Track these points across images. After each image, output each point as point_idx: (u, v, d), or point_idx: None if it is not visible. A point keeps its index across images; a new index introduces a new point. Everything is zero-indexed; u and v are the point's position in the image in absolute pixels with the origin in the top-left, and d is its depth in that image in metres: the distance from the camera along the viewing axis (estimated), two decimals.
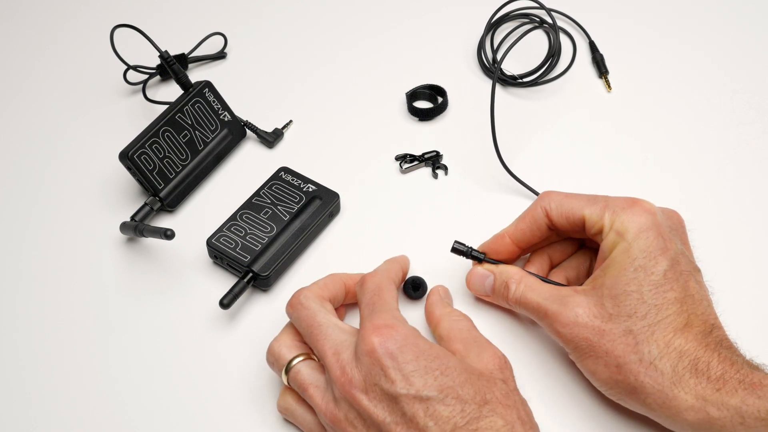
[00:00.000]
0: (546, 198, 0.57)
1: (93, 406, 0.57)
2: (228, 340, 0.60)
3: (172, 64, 0.69)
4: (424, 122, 0.74)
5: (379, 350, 0.48)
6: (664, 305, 0.50)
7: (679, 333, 0.49)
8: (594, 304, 0.51)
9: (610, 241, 0.53)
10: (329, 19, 0.84)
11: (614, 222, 0.53)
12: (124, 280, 0.64)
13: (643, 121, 0.73)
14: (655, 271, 0.51)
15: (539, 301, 0.53)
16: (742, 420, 0.46)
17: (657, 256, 0.51)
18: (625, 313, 0.50)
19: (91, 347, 0.60)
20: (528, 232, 0.57)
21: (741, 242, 0.64)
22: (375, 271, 0.57)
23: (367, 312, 0.52)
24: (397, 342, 0.48)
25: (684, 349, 0.49)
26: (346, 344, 0.50)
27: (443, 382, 0.47)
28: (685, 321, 0.50)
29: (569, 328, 0.51)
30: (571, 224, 0.55)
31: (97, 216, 0.67)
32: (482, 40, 0.79)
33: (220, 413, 0.56)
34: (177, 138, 0.68)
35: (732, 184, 0.68)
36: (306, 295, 0.54)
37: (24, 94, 0.78)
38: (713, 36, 0.80)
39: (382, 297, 0.53)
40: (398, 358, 0.48)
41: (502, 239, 0.58)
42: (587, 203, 0.55)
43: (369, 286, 0.54)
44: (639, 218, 0.52)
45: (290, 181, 0.66)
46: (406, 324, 0.51)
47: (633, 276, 0.51)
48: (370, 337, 0.48)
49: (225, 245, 0.62)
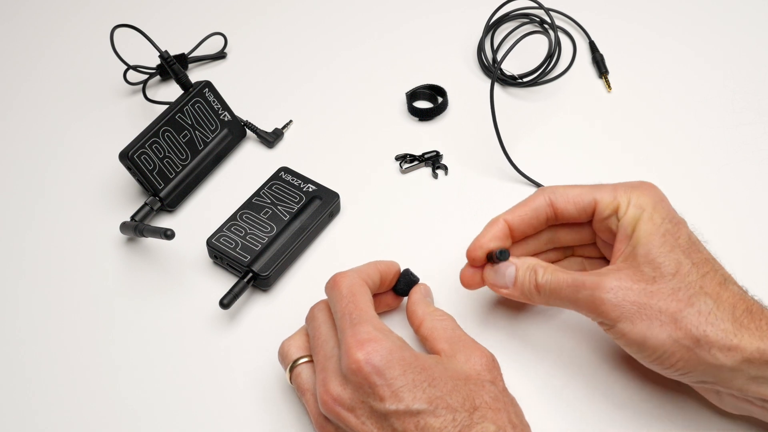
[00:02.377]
0: (548, 189, 0.56)
1: (93, 405, 0.57)
2: (228, 340, 0.60)
3: (172, 64, 0.69)
4: (424, 122, 0.74)
5: (366, 367, 0.47)
6: (700, 263, 0.50)
7: (723, 287, 0.50)
8: (633, 272, 0.50)
9: (631, 216, 0.52)
10: (329, 19, 0.84)
11: (631, 199, 0.53)
12: (124, 280, 0.64)
13: (643, 121, 0.73)
14: (681, 235, 0.51)
15: (574, 277, 0.52)
16: None
17: (677, 222, 0.52)
18: (669, 273, 0.50)
19: (90, 347, 0.60)
20: (527, 218, 0.56)
21: (741, 242, 0.64)
22: (347, 271, 0.54)
23: (345, 324, 0.50)
24: (382, 357, 0.47)
25: (734, 300, 0.49)
26: (334, 360, 0.49)
27: (432, 393, 0.47)
28: (724, 278, 0.51)
29: (615, 291, 0.49)
30: (580, 210, 0.55)
31: (97, 216, 0.68)
32: (482, 40, 0.80)
33: (221, 413, 0.56)
34: (177, 138, 0.68)
35: (732, 184, 0.68)
36: (320, 307, 0.54)
37: (24, 95, 0.78)
38: (713, 36, 0.80)
39: (357, 304, 0.51)
40: (386, 374, 0.47)
41: (497, 224, 0.56)
42: (594, 189, 0.55)
43: (342, 290, 0.52)
44: (652, 193, 0.53)
45: (290, 181, 0.66)
46: (388, 334, 0.49)
47: (663, 240, 0.51)
48: (355, 353, 0.47)
49: (225, 245, 0.62)
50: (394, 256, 0.63)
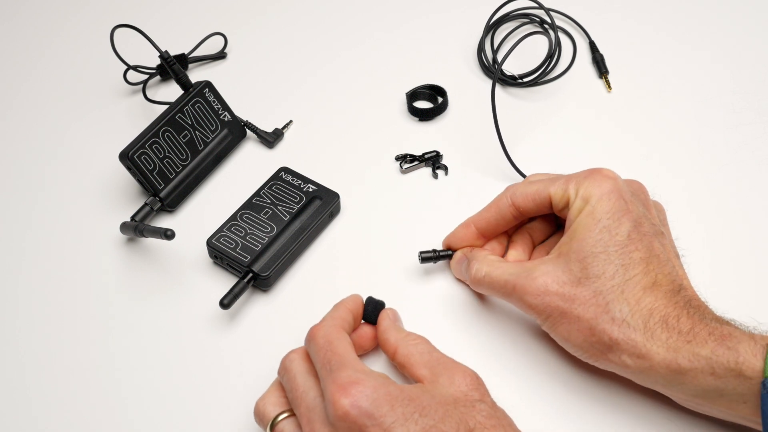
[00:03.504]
0: (510, 188, 0.59)
1: (92, 405, 0.57)
2: (228, 340, 0.60)
3: (172, 64, 0.69)
4: (424, 122, 0.74)
5: (353, 412, 0.45)
6: (630, 264, 0.51)
7: (648, 291, 0.50)
8: (562, 270, 0.52)
9: (576, 208, 0.54)
10: (329, 19, 0.84)
11: (579, 190, 0.54)
12: (124, 280, 0.64)
13: (643, 121, 0.73)
14: (620, 231, 0.52)
15: (506, 277, 0.54)
16: (713, 370, 0.47)
17: (620, 217, 0.52)
18: (594, 275, 0.51)
19: (90, 347, 0.60)
20: (492, 220, 0.59)
21: (741, 242, 0.64)
22: (321, 322, 0.53)
23: (325, 372, 0.48)
24: (368, 398, 0.46)
25: (654, 306, 0.50)
26: (318, 410, 0.48)
27: (425, 423, 0.46)
28: (653, 280, 0.51)
29: (540, 298, 0.52)
30: (538, 205, 0.57)
31: (97, 216, 0.68)
32: (482, 40, 0.79)
33: (220, 413, 0.56)
34: (177, 138, 0.68)
35: (732, 184, 0.68)
36: (291, 358, 0.52)
37: (24, 95, 0.78)
38: (713, 36, 0.80)
39: (335, 351, 0.50)
40: (374, 414, 0.45)
41: (467, 227, 0.60)
42: (550, 182, 0.56)
43: (318, 341, 0.51)
44: (601, 183, 0.54)
45: (290, 181, 0.66)
46: (369, 374, 0.48)
47: (599, 237, 0.52)
48: (339, 400, 0.46)
49: (225, 245, 0.62)
50: (394, 256, 0.63)
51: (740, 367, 0.46)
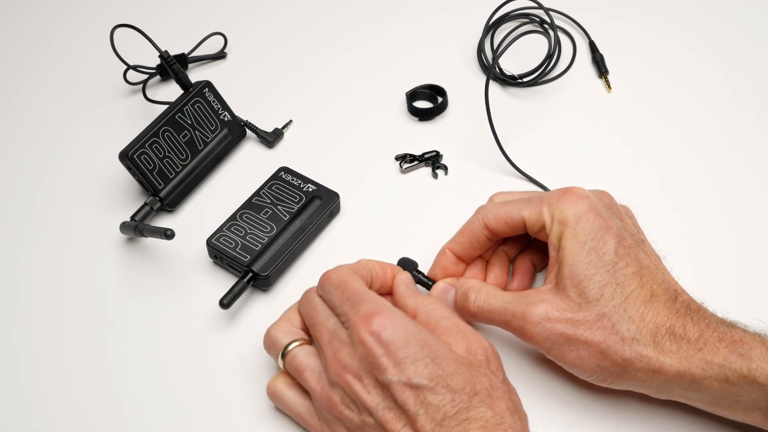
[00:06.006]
0: (482, 210, 0.58)
1: (92, 405, 0.57)
2: (228, 340, 0.60)
3: (172, 64, 0.69)
4: (424, 122, 0.74)
5: (370, 338, 0.48)
6: (625, 282, 0.51)
7: (648, 305, 0.50)
8: (560, 298, 0.52)
9: (556, 232, 0.53)
10: (329, 19, 0.84)
11: (554, 213, 0.54)
12: (124, 280, 0.64)
13: (643, 121, 0.73)
14: (606, 250, 0.52)
15: (504, 305, 0.53)
16: (726, 378, 0.47)
17: (603, 235, 0.52)
18: (593, 298, 0.51)
19: (90, 347, 0.60)
20: (467, 244, 0.58)
21: (740, 242, 0.64)
22: (335, 267, 0.55)
23: (347, 307, 0.51)
24: (386, 327, 0.48)
25: (658, 319, 0.50)
26: (340, 333, 0.50)
27: (433, 370, 0.47)
28: (650, 292, 0.51)
29: (542, 325, 0.51)
30: (512, 228, 0.56)
31: (97, 216, 0.68)
32: (482, 40, 0.80)
33: (220, 412, 0.56)
34: (177, 138, 0.68)
35: (732, 184, 0.68)
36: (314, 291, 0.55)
37: (24, 94, 0.78)
38: (713, 36, 0.80)
39: (353, 289, 0.52)
40: (389, 345, 0.48)
41: (444, 254, 0.59)
42: (523, 205, 0.56)
43: (334, 282, 0.53)
44: (576, 204, 0.53)
45: (290, 181, 0.66)
46: (391, 307, 0.50)
47: (588, 260, 0.51)
48: (360, 326, 0.49)
49: (225, 245, 0.62)
50: (394, 256, 0.63)
51: (753, 374, 0.46)
